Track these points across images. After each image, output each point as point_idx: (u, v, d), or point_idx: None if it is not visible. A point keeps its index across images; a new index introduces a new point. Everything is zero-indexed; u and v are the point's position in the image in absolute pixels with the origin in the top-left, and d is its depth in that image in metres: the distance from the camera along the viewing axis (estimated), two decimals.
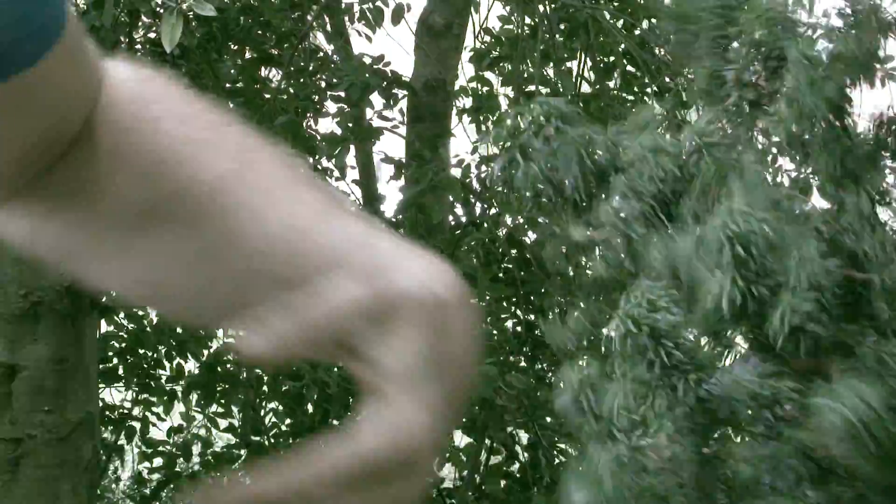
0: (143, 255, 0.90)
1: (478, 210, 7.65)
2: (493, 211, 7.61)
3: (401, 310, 0.78)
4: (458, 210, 7.76)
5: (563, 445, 7.28)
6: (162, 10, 3.64)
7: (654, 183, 2.41)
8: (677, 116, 6.89)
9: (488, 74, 8.26)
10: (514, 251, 7.65)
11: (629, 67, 8.06)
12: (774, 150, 2.65)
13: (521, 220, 7.72)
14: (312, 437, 0.80)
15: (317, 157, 7.53)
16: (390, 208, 7.72)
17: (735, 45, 2.60)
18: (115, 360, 7.68)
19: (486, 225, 7.63)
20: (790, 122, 2.47)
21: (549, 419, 7.30)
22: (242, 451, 7.75)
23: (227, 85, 7.07)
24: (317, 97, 7.23)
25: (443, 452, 7.72)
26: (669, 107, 7.42)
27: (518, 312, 7.68)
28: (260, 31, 7.09)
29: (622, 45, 7.71)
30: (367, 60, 7.14)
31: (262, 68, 7.38)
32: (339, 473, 0.75)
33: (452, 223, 7.70)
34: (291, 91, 7.30)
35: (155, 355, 7.72)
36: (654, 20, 7.85)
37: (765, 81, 2.56)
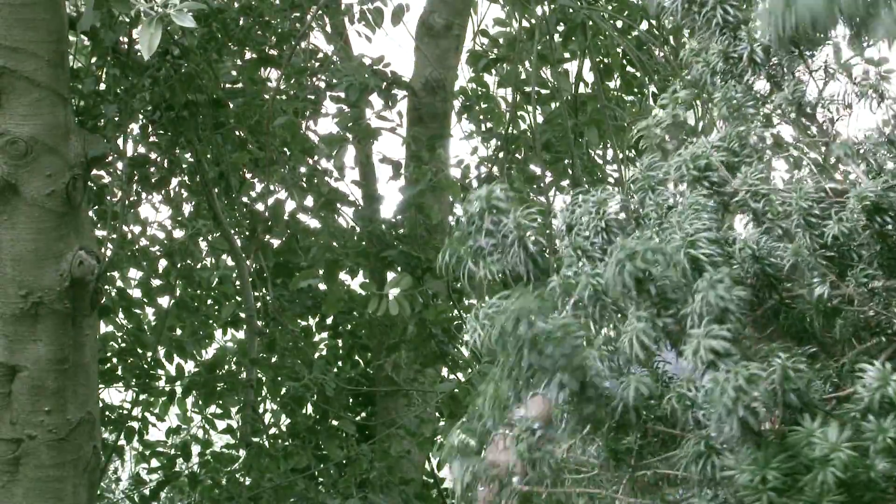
0: None
1: None
2: None
3: None
4: (458, 210, 7.77)
5: None
6: (143, 16, 3.63)
7: (598, 234, 2.53)
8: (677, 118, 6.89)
9: (487, 75, 8.28)
10: None
11: (629, 68, 8.07)
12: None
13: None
14: (311, 438, 0.81)
15: (315, 157, 7.54)
16: (390, 209, 7.74)
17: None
18: (115, 361, 7.69)
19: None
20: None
21: None
22: (241, 452, 7.76)
23: (227, 85, 7.08)
24: (314, 97, 7.23)
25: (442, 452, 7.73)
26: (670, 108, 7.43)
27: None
28: (260, 32, 7.10)
29: (620, 47, 7.72)
30: (367, 61, 7.15)
31: (262, 68, 7.39)
32: None
33: (452, 223, 7.71)
34: (291, 92, 7.30)
35: (153, 356, 7.72)
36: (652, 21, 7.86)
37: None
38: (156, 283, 7.82)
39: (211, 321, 7.92)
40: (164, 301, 7.77)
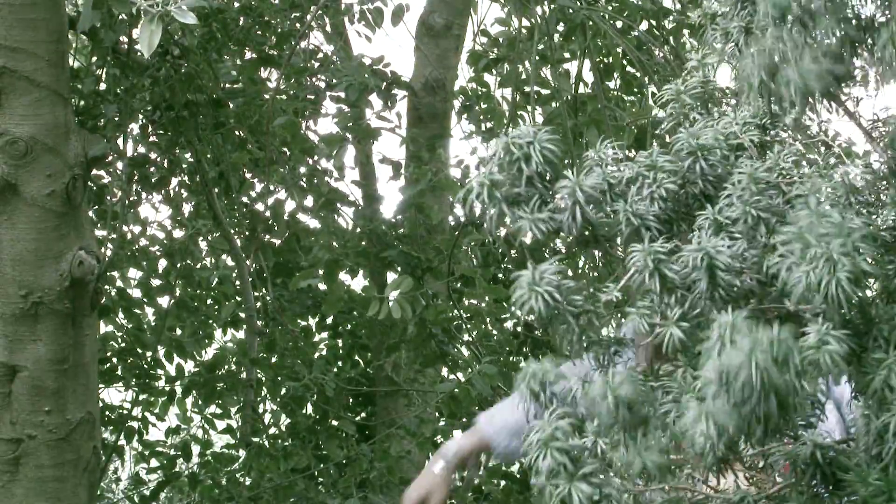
0: None
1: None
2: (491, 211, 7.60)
3: None
4: (458, 210, 7.77)
5: None
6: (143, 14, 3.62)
7: (654, 202, 2.38)
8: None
9: (487, 75, 8.27)
10: (513, 252, 7.66)
11: (629, 68, 8.06)
12: None
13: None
14: (311, 438, 0.81)
15: (315, 157, 7.54)
16: (390, 209, 7.73)
17: None
18: (115, 361, 7.68)
19: (484, 225, 7.61)
20: None
21: None
22: (241, 452, 7.75)
23: (227, 85, 7.08)
24: (314, 97, 7.23)
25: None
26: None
27: (518, 312, 7.67)
28: (260, 32, 7.10)
29: (620, 47, 7.71)
30: (367, 61, 7.14)
31: (262, 68, 7.38)
32: None
33: (452, 223, 7.71)
34: (291, 92, 7.30)
35: (153, 356, 7.72)
36: (651, 21, 7.86)
37: None
38: (156, 283, 7.81)
39: (211, 321, 7.91)
40: (164, 301, 7.77)
